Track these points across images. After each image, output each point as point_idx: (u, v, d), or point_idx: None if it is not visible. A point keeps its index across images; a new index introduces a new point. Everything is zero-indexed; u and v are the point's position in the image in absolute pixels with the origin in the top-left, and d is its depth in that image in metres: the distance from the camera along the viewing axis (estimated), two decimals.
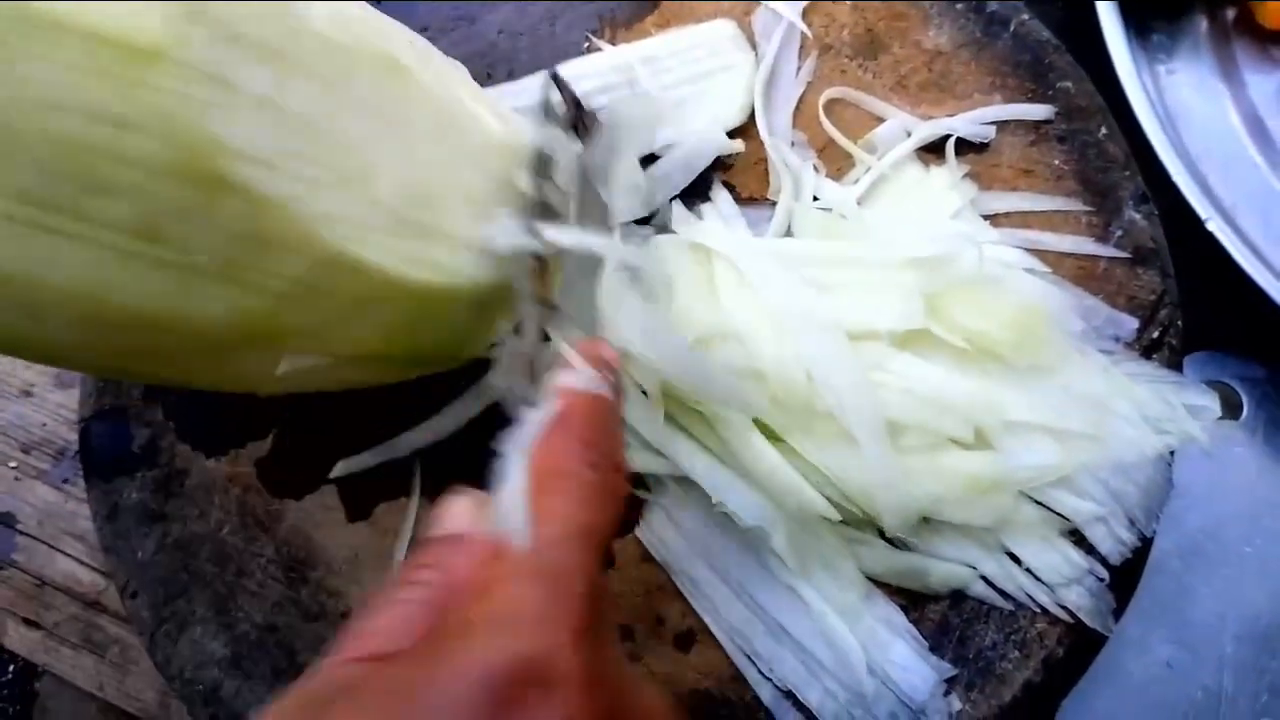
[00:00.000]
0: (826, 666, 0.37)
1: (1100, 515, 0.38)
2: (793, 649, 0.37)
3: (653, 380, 0.39)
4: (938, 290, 0.38)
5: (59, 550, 0.51)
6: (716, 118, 0.45)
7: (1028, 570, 0.38)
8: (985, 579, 0.38)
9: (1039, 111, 0.45)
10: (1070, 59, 0.46)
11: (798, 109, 0.46)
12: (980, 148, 0.45)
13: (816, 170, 0.44)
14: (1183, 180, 0.46)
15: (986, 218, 0.43)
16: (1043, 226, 0.43)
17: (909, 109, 0.45)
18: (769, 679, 0.37)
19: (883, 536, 0.38)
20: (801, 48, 0.47)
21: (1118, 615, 0.38)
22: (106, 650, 0.49)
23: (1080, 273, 0.42)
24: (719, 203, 0.44)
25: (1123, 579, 0.38)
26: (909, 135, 0.44)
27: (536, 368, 0.30)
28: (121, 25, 0.23)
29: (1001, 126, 0.45)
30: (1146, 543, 0.38)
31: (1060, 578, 0.38)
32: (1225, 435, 0.47)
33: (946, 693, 0.37)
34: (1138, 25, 0.52)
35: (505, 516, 0.24)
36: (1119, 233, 0.43)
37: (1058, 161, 0.44)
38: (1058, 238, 0.43)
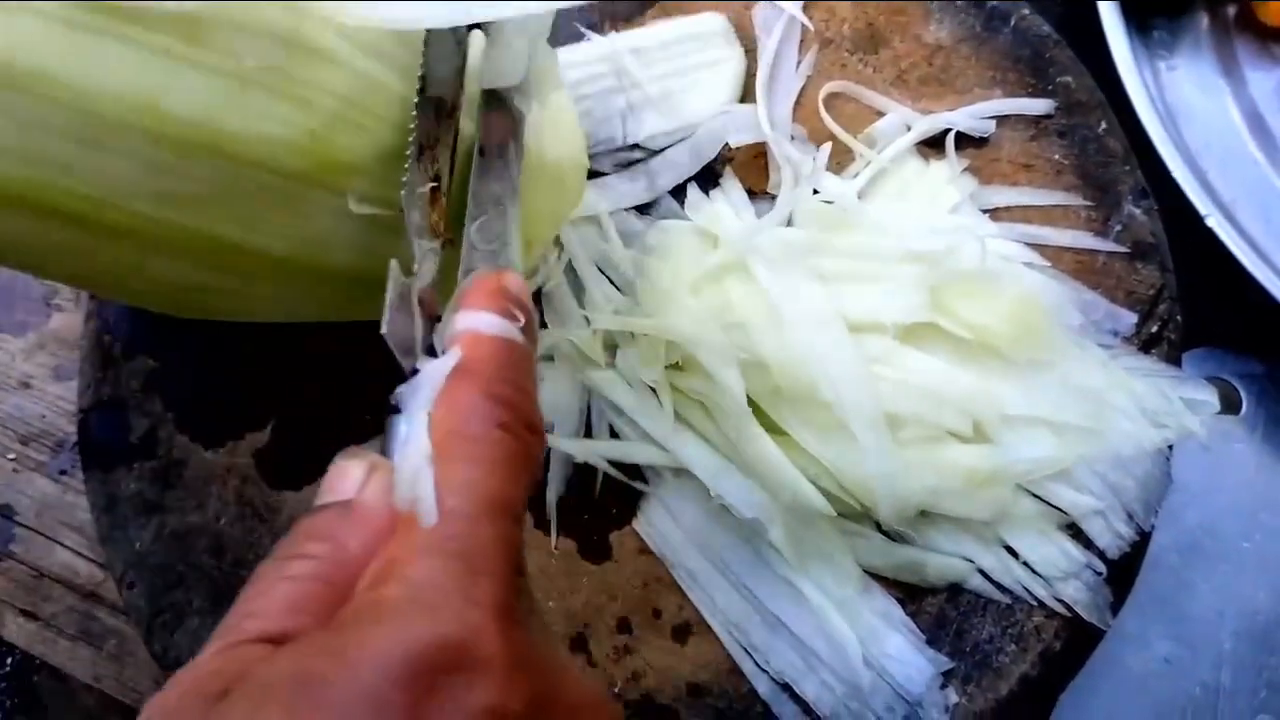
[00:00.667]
0: (823, 659, 0.37)
1: (1098, 509, 0.38)
2: (789, 641, 0.37)
3: (657, 371, 0.39)
4: (939, 283, 0.38)
5: (57, 542, 0.51)
6: (703, 110, 0.45)
7: (1025, 564, 0.38)
8: (983, 572, 0.38)
9: (1039, 106, 0.45)
10: (1071, 54, 0.46)
11: (798, 103, 0.46)
12: (980, 142, 0.45)
13: (816, 163, 0.44)
14: (1182, 176, 0.46)
15: (986, 212, 0.43)
16: (1042, 221, 0.43)
17: (909, 103, 0.45)
18: (766, 671, 0.37)
19: (880, 529, 0.38)
20: (802, 42, 0.47)
21: (1115, 610, 0.38)
22: (104, 642, 0.49)
23: (1079, 267, 0.42)
24: (729, 190, 0.44)
25: (1120, 573, 0.38)
26: (909, 129, 0.44)
27: (431, 310, 0.27)
28: None
29: (1001, 121, 0.45)
30: (1144, 537, 0.38)
31: (1058, 571, 0.38)
32: (1224, 431, 0.47)
33: (943, 686, 0.37)
34: (1138, 21, 0.52)
35: (406, 484, 0.22)
36: (1118, 227, 0.43)
37: (1058, 156, 0.44)
38: (1057, 232, 0.43)
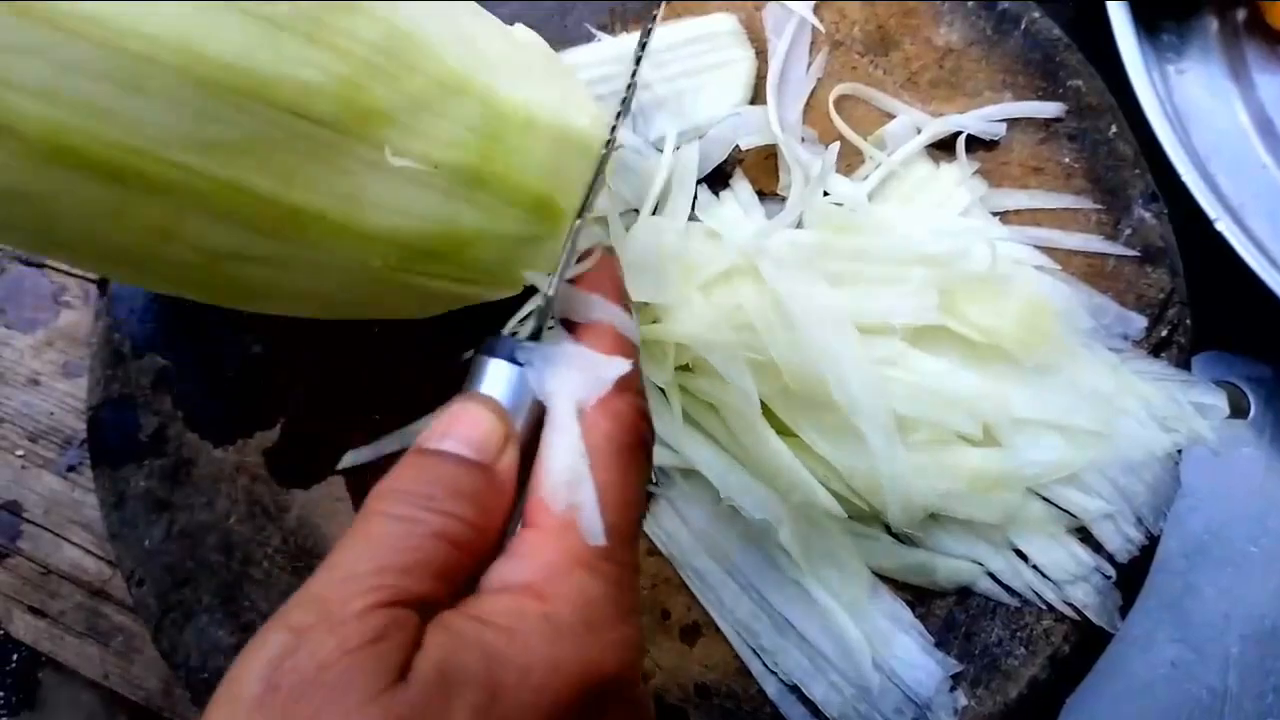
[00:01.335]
0: (832, 661, 0.37)
1: (1108, 513, 0.38)
2: (798, 643, 0.38)
3: (667, 374, 0.39)
4: (949, 286, 0.38)
5: (65, 539, 0.51)
6: (714, 111, 0.45)
7: (1034, 567, 0.38)
8: (992, 575, 0.38)
9: (1049, 109, 0.45)
10: (1081, 57, 0.46)
11: (808, 105, 0.46)
12: (990, 145, 0.45)
13: (825, 163, 0.44)
14: (1192, 180, 0.46)
15: (996, 215, 0.43)
16: (1052, 224, 0.43)
17: (919, 106, 0.45)
18: (774, 672, 0.38)
19: (890, 532, 0.38)
20: (812, 43, 0.47)
21: (1124, 613, 0.38)
22: (111, 639, 0.49)
23: (1089, 270, 0.42)
24: (739, 191, 0.44)
25: (1129, 577, 0.38)
26: (919, 132, 0.44)
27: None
28: None
29: (1012, 124, 0.45)
30: (1153, 541, 0.38)
31: (1067, 575, 0.38)
32: (1233, 435, 0.47)
33: (952, 689, 0.37)
34: (1148, 25, 0.52)
35: (562, 484, 0.21)
36: (1128, 231, 0.43)
37: (1068, 159, 0.44)
38: (1067, 235, 0.43)
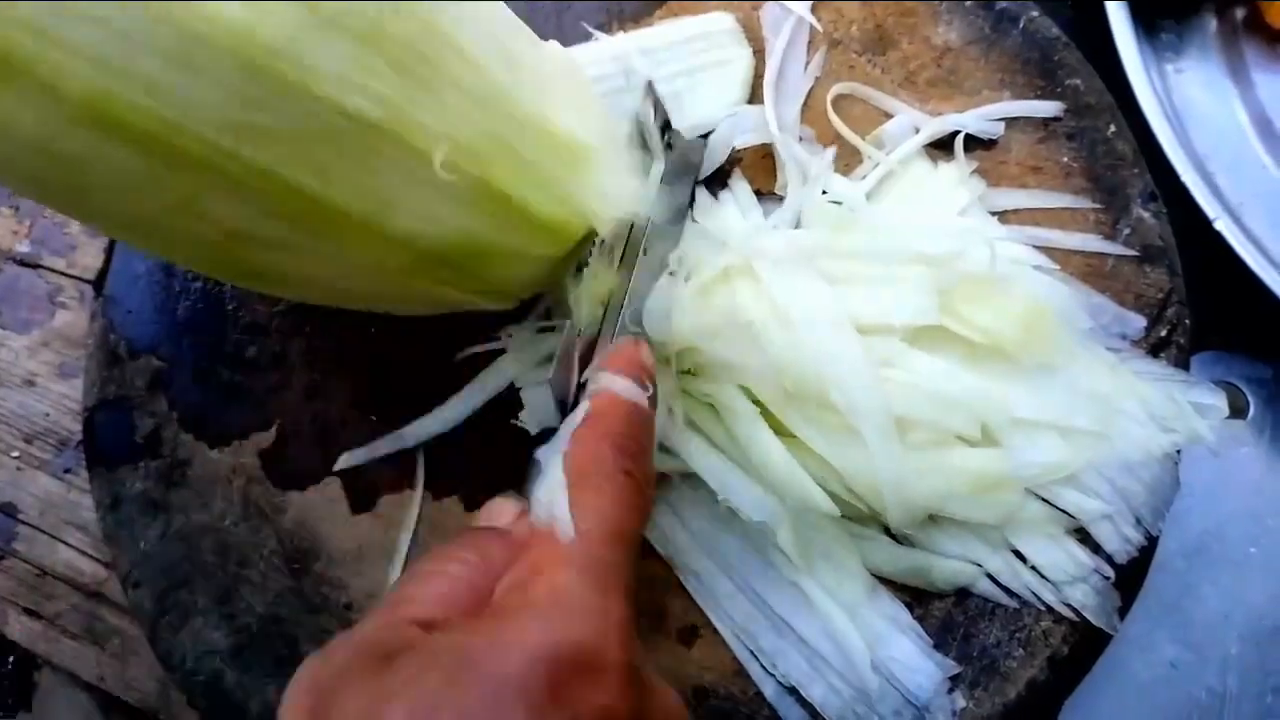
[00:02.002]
0: (830, 662, 0.37)
1: (1107, 513, 0.38)
2: (796, 645, 0.37)
3: (668, 379, 0.38)
4: (947, 286, 0.38)
5: (61, 540, 0.51)
6: (711, 111, 0.45)
7: (1033, 568, 0.38)
8: (990, 576, 0.38)
9: (1048, 108, 0.45)
10: (1079, 56, 0.46)
11: (806, 104, 0.46)
12: (989, 144, 0.44)
13: (822, 162, 0.44)
14: (1190, 179, 0.46)
15: (994, 214, 0.43)
16: (1051, 223, 0.43)
17: (917, 105, 0.45)
18: (772, 675, 0.37)
19: (888, 533, 0.38)
20: (810, 42, 0.47)
21: (1123, 614, 0.38)
22: (107, 641, 0.49)
23: (1088, 270, 0.42)
24: (737, 191, 0.44)
25: (1128, 578, 0.38)
26: (917, 131, 0.44)
27: (573, 362, 0.32)
28: None
29: (1010, 123, 0.45)
30: (1152, 542, 0.38)
31: (1066, 576, 0.37)
32: (1232, 435, 0.47)
33: (950, 690, 0.37)
34: (1146, 24, 0.52)
35: (544, 506, 0.25)
36: (1127, 230, 0.43)
37: (1066, 159, 0.44)
38: (1066, 235, 0.42)
